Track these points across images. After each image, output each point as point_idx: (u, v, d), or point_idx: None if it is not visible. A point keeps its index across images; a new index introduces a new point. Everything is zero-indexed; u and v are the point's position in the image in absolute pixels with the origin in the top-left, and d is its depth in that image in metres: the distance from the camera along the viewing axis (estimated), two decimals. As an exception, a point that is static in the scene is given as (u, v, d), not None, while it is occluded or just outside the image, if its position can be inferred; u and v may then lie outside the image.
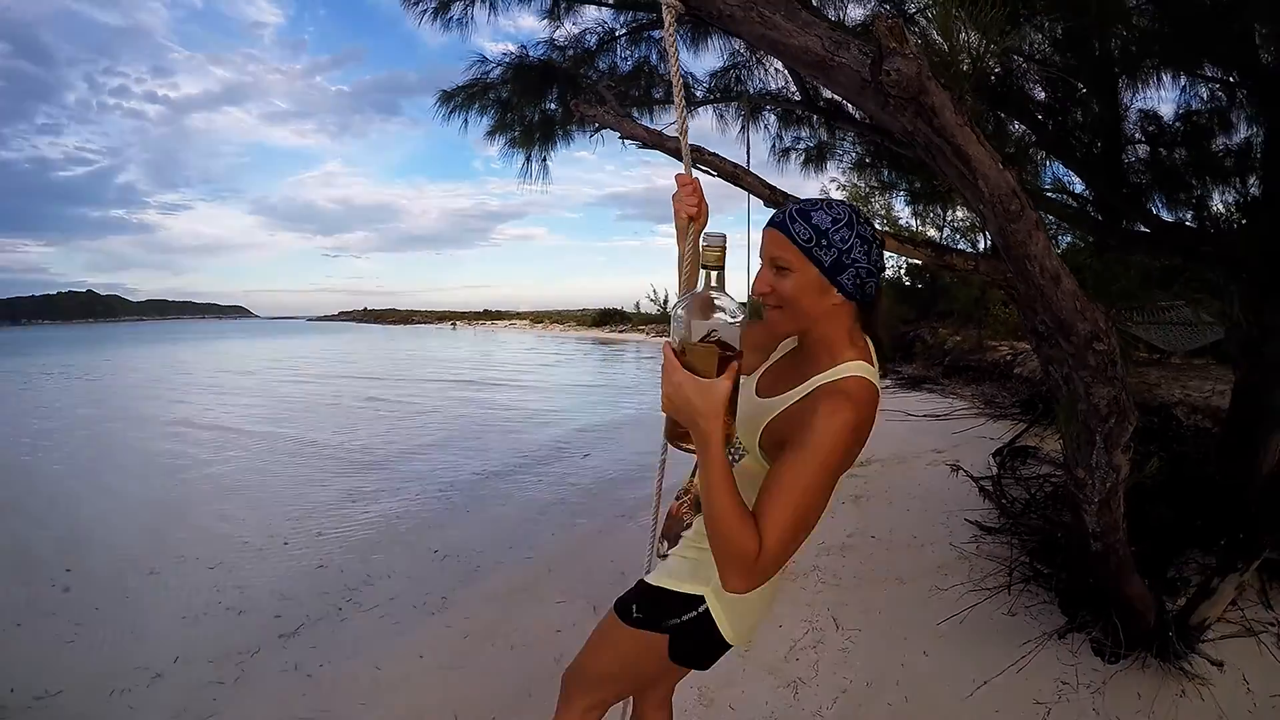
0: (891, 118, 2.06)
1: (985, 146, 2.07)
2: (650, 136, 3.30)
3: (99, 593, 5.55)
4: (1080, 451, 3.05)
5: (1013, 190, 2.12)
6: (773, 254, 1.54)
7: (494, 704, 3.71)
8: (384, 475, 9.42)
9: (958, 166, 2.09)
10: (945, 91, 1.99)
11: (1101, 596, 3.71)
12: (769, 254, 1.55)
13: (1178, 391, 8.04)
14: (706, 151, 3.17)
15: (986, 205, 2.15)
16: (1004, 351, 13.16)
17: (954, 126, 2.02)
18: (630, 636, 1.80)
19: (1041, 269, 2.33)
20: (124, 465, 10.59)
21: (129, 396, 19.84)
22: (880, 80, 1.92)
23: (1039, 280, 2.37)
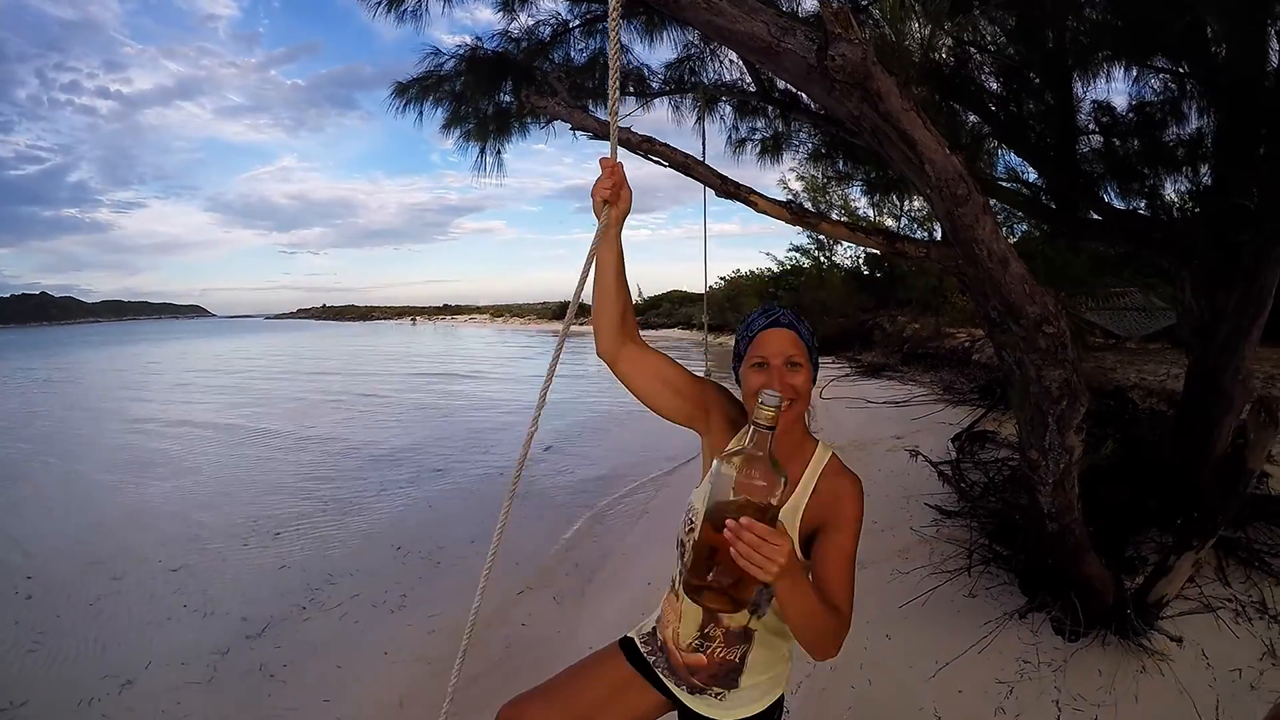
0: (838, 103, 2.07)
1: (931, 131, 2.08)
2: (601, 128, 3.30)
3: (62, 600, 5.49)
4: (1033, 433, 3.08)
5: (959, 174, 2.14)
6: (790, 353, 1.65)
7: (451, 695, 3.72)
8: (344, 473, 9.40)
9: (904, 151, 2.10)
10: (891, 77, 2.00)
11: (1060, 576, 3.75)
12: (784, 353, 1.64)
13: (1133, 375, 8.16)
14: (658, 142, 3.16)
15: (933, 189, 2.16)
16: (962, 338, 13.31)
17: (899, 111, 2.03)
18: None
19: (989, 253, 2.35)
20: (83, 470, 10.43)
21: (87, 400, 19.51)
22: (826, 65, 1.92)
23: (987, 264, 2.39)
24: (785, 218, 2.92)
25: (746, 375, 1.68)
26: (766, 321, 1.69)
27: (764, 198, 2.92)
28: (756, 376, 1.64)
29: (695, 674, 1.77)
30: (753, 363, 1.66)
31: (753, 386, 1.63)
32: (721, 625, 1.71)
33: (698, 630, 1.74)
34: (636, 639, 1.95)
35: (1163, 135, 4.62)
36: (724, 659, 1.73)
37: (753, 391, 1.62)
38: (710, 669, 1.75)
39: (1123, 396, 6.93)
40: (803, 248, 21.24)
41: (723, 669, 1.75)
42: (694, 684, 1.79)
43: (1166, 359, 9.10)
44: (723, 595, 1.34)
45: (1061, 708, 3.22)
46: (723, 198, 3.01)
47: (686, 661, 1.77)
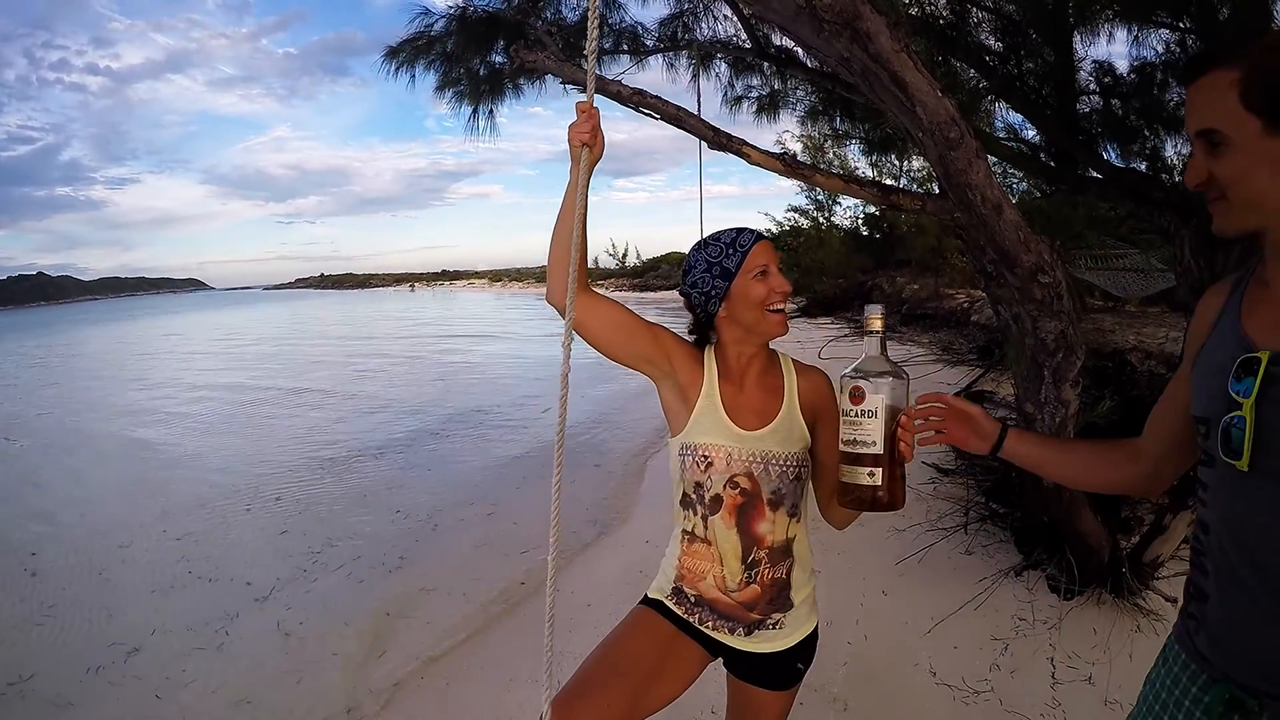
0: (827, 44, 2.02)
1: (923, 73, 2.03)
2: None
3: (68, 573, 5.51)
4: (1029, 387, 3.06)
5: (951, 117, 2.09)
6: (777, 262, 1.75)
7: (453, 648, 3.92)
8: (343, 437, 9.42)
9: (895, 93, 2.06)
10: (880, 17, 1.96)
11: (1056, 534, 3.75)
12: (776, 262, 1.75)
13: (1131, 338, 8.13)
14: (649, 95, 3.12)
15: (925, 133, 2.12)
16: (961, 299, 13.26)
17: (890, 53, 1.99)
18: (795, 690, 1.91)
19: (983, 198, 2.31)
20: (86, 443, 10.44)
21: (88, 377, 19.51)
22: (814, 5, 1.88)
23: (981, 210, 2.34)
24: (779, 169, 2.88)
25: (748, 286, 1.71)
26: (754, 236, 1.76)
27: (757, 149, 2.88)
28: (760, 285, 1.71)
29: (753, 608, 1.78)
30: (754, 273, 1.71)
31: (759, 295, 1.70)
32: (765, 546, 1.75)
33: (742, 563, 1.76)
34: (663, 599, 1.90)
35: (1164, 96, 4.56)
36: (774, 578, 1.77)
37: (761, 300, 1.70)
38: (766, 594, 1.77)
39: (1121, 358, 6.90)
40: (801, 208, 21.08)
41: (775, 588, 1.78)
42: (751, 619, 1.79)
43: (1165, 322, 9.06)
44: (894, 485, 1.46)
45: (1056, 665, 3.23)
46: (715, 149, 2.97)
47: (740, 599, 1.78)
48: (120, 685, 3.90)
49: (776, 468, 1.72)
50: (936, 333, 11.98)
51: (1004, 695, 3.07)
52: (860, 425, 1.42)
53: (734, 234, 1.76)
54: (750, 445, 1.73)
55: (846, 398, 1.45)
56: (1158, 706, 1.30)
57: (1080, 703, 2.99)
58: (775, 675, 1.85)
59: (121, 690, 3.85)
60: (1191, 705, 1.21)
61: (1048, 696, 3.04)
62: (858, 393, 1.43)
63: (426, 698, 3.53)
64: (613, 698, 1.72)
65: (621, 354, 1.77)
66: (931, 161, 2.37)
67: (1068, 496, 3.41)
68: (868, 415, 1.42)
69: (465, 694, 3.50)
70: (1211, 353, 1.20)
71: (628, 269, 39.34)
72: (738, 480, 1.73)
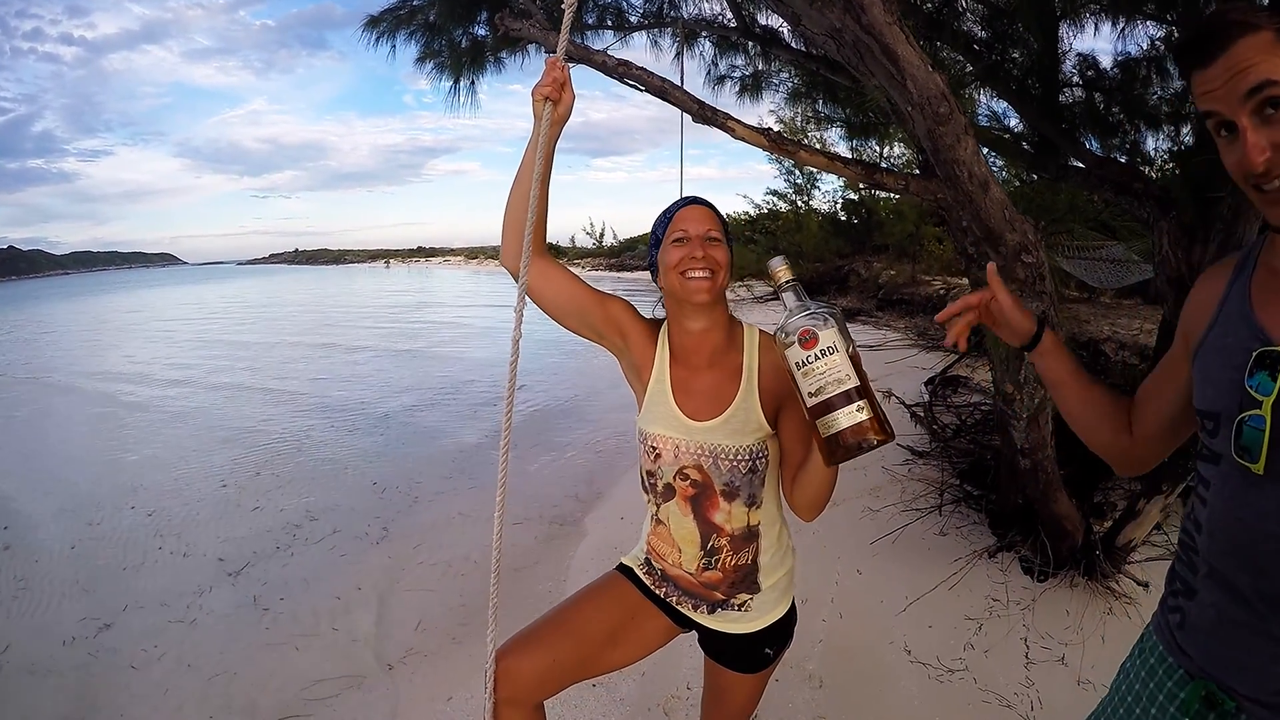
0: (820, 15, 2.01)
1: (914, 47, 2.02)
2: (576, 51, 3.21)
3: (39, 549, 5.44)
4: (1009, 367, 3.07)
5: (942, 93, 2.08)
6: (708, 228, 1.64)
7: (451, 617, 3.96)
8: (319, 413, 9.34)
9: (886, 66, 2.04)
10: (874, -13, 1.94)
11: (1030, 516, 3.78)
12: (703, 226, 1.64)
13: (1106, 328, 8.22)
14: (634, 66, 3.08)
15: (915, 107, 2.11)
16: (937, 286, 13.37)
17: (882, 24, 1.97)
18: (767, 673, 1.85)
19: (970, 174, 2.30)
20: (54, 418, 10.29)
21: (58, 350, 19.24)
22: (807, -29, 1.86)
23: (967, 186, 2.34)
24: (763, 144, 2.86)
25: (666, 251, 1.65)
26: (684, 201, 1.70)
27: (741, 123, 2.86)
28: (676, 250, 1.62)
29: (716, 588, 1.74)
30: (673, 239, 1.64)
31: (673, 260, 1.62)
32: (724, 534, 1.68)
33: (700, 550, 1.71)
34: (635, 567, 1.90)
35: (1146, 93, 4.59)
36: (737, 564, 1.71)
37: (674, 265, 1.62)
38: (728, 578, 1.72)
39: (1095, 348, 6.98)
40: (780, 192, 20.95)
41: (739, 574, 1.72)
42: (716, 598, 1.75)
43: (1139, 314, 9.18)
44: (882, 415, 1.32)
45: (1030, 645, 3.25)
46: (700, 123, 2.94)
47: (702, 580, 1.74)
48: (99, 656, 3.88)
49: (727, 462, 1.63)
50: (912, 318, 12.09)
51: (978, 674, 3.09)
52: (824, 367, 1.30)
53: (675, 202, 1.72)
54: (698, 437, 1.65)
55: (796, 348, 1.33)
56: (1130, 698, 1.28)
57: (1053, 683, 3.02)
58: (743, 658, 1.81)
59: (100, 662, 3.83)
60: (1166, 700, 1.19)
61: (1021, 676, 3.06)
62: (808, 335, 1.32)
63: (414, 668, 3.54)
64: (558, 653, 1.73)
65: (572, 322, 1.74)
66: (920, 136, 2.36)
67: (1044, 479, 3.44)
68: (828, 353, 1.30)
69: (456, 665, 3.50)
70: (1219, 340, 1.12)
71: (604, 249, 39.14)
72: (687, 472, 1.67)
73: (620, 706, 3.05)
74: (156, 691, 3.56)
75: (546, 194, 1.64)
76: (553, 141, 1.62)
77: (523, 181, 1.63)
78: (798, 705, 2.99)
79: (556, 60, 1.60)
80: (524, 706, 1.74)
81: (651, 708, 3.03)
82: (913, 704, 2.97)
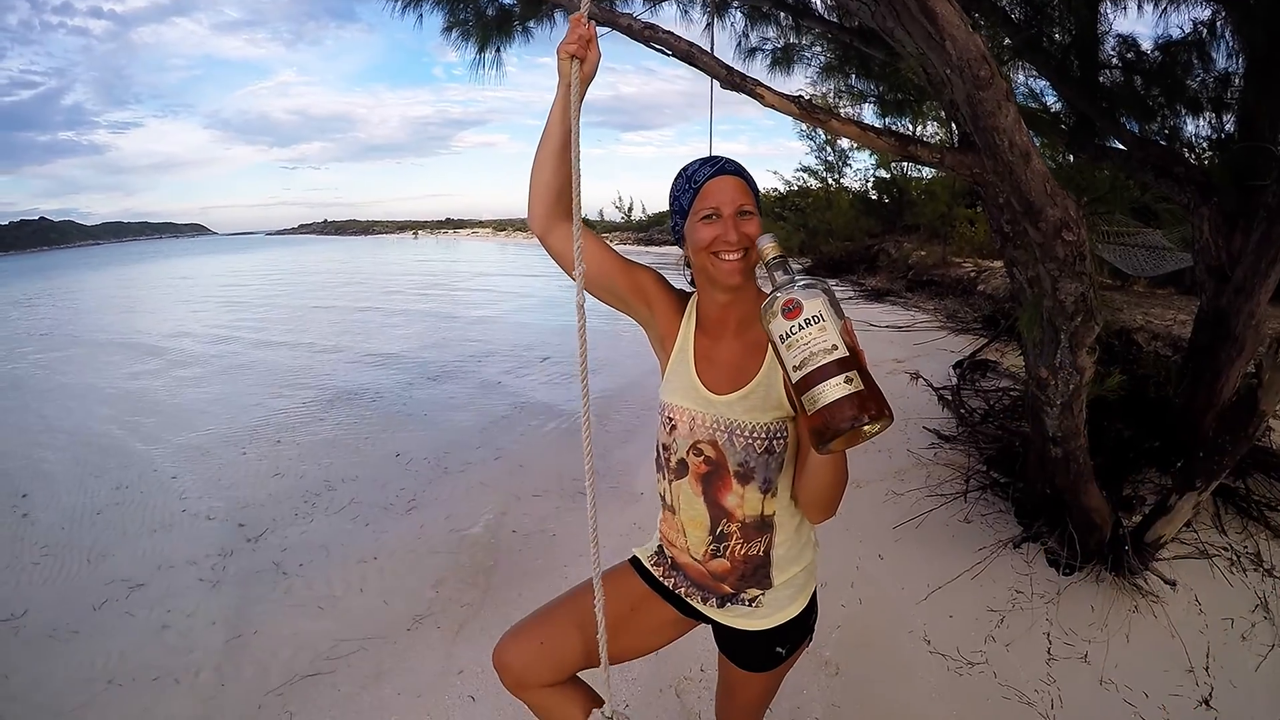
0: (855, -31, 1.90)
1: (954, 5, 1.90)
2: (602, 13, 3.10)
3: (63, 514, 5.48)
4: (1044, 351, 2.95)
5: (982, 55, 1.96)
6: (740, 201, 1.54)
7: (472, 586, 4.01)
8: (340, 381, 9.33)
9: (923, 25, 1.93)
10: (914, -60, 1.83)
11: (1058, 506, 3.68)
12: (735, 201, 1.53)
13: (1139, 318, 8.03)
14: (661, 30, 2.97)
15: (954, 70, 1.99)
16: (968, 268, 13.10)
17: (921, -21, 1.86)
18: (781, 670, 1.76)
19: (1011, 144, 2.18)
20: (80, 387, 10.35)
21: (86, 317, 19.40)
22: (844, -78, 1.75)
23: (1008, 156, 2.21)
24: (793, 112, 2.74)
25: (695, 229, 1.55)
26: (712, 170, 1.56)
27: (771, 90, 2.74)
28: (707, 229, 1.53)
29: (724, 579, 1.65)
30: (702, 215, 1.54)
31: (704, 239, 1.53)
32: (735, 520, 1.59)
33: (709, 535, 1.63)
34: (643, 558, 1.84)
35: (1187, 78, 4.46)
36: (747, 555, 1.62)
37: (705, 246, 1.53)
38: (737, 569, 1.63)
39: (1128, 337, 6.82)
40: (811, 168, 20.67)
41: (749, 565, 1.63)
42: (724, 591, 1.67)
43: (1173, 304, 8.96)
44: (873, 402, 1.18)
45: (1052, 640, 3.16)
46: (728, 89, 2.83)
47: (710, 570, 1.66)
48: (135, 616, 3.95)
49: (742, 439, 1.54)
50: (942, 300, 11.87)
51: (998, 668, 3.01)
52: (809, 337, 1.19)
53: (698, 165, 1.60)
54: (715, 411, 1.57)
55: (779, 319, 1.22)
56: None
57: (1075, 681, 2.93)
58: (753, 655, 1.72)
59: (135, 622, 3.89)
60: None
61: (1042, 672, 2.98)
62: (792, 304, 1.21)
63: (442, 635, 3.56)
64: (551, 640, 1.70)
65: (597, 290, 1.66)
66: (959, 101, 2.23)
67: (1075, 469, 3.32)
68: (813, 322, 1.19)
69: (483, 632, 3.53)
70: None
71: (633, 223, 38.96)
72: (701, 447, 1.59)
73: (632, 686, 3.01)
74: (181, 649, 3.62)
75: (575, 155, 1.56)
76: (579, 101, 1.53)
77: (546, 142, 1.57)
78: (812, 693, 2.93)
79: (580, 17, 1.53)
80: (531, 689, 1.72)
81: (663, 689, 2.99)
82: (930, 697, 2.89)
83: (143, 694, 3.31)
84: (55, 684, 3.46)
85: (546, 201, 1.60)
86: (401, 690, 3.16)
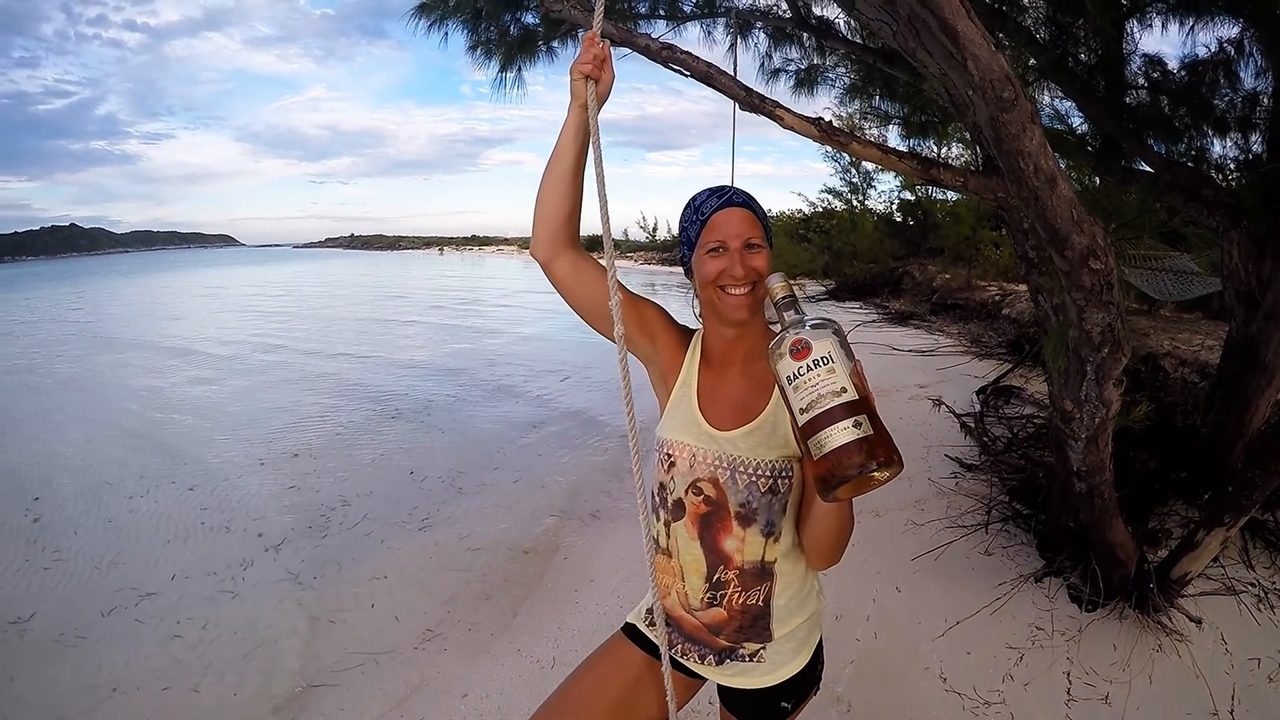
0: (875, -12, 1.84)
1: (976, 24, 1.84)
2: (620, 34, 3.07)
3: (75, 521, 5.53)
4: (1069, 383, 2.86)
5: (1006, 75, 1.90)
6: (748, 235, 1.48)
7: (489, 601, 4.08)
8: (358, 398, 9.36)
9: (944, 44, 1.86)
10: (935, -42, 1.76)
11: (1082, 541, 3.57)
12: (742, 235, 1.48)
13: (1166, 343, 7.90)
14: (679, 50, 2.93)
15: (976, 90, 1.92)
16: (993, 292, 12.97)
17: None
18: None
19: (1036, 168, 2.10)
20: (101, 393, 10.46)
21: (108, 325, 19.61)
22: (863, -60, 1.70)
23: (1033, 181, 2.14)
24: (813, 134, 2.68)
25: (702, 262, 1.49)
26: (719, 202, 1.50)
27: (790, 112, 2.68)
28: (714, 262, 1.47)
29: (720, 632, 1.56)
30: (709, 248, 1.48)
31: (710, 274, 1.46)
32: (732, 566, 1.50)
33: (705, 582, 1.53)
34: (638, 623, 1.73)
35: (1214, 98, 4.37)
36: (745, 605, 1.53)
37: (711, 280, 1.46)
38: (734, 620, 1.54)
39: (1154, 363, 6.70)
40: (835, 190, 20.60)
41: (747, 616, 1.54)
42: (721, 646, 1.57)
43: (1201, 329, 8.81)
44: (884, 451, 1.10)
45: (1072, 680, 3.05)
46: (747, 110, 2.77)
47: (705, 622, 1.56)
48: (146, 623, 4.01)
49: (745, 476, 1.47)
50: (966, 324, 11.73)
51: (1015, 709, 2.90)
52: (817, 378, 1.13)
53: (705, 195, 1.54)
54: (718, 447, 1.50)
55: (787, 360, 1.16)
56: None
57: (1094, 724, 2.82)
58: (755, 711, 1.64)
59: (146, 629, 3.95)
60: None
61: (1061, 714, 2.87)
62: (800, 345, 1.15)
63: (448, 657, 3.56)
64: None
65: (599, 322, 1.60)
66: (982, 123, 2.16)
67: (1099, 504, 3.22)
68: (822, 363, 1.13)
69: (490, 656, 3.53)
70: None
71: (657, 243, 39.03)
72: (701, 486, 1.51)
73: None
74: (193, 657, 3.67)
75: (582, 180, 1.53)
76: (595, 121, 1.48)
77: (555, 165, 1.51)
78: (823, 730, 2.84)
79: (594, 35, 1.48)
80: None
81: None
82: (945, 738, 2.80)
83: (147, 703, 3.33)
84: (59, 689, 3.48)
85: (553, 226, 1.55)
86: (405, 713, 3.13)
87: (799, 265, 19.28)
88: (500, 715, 3.05)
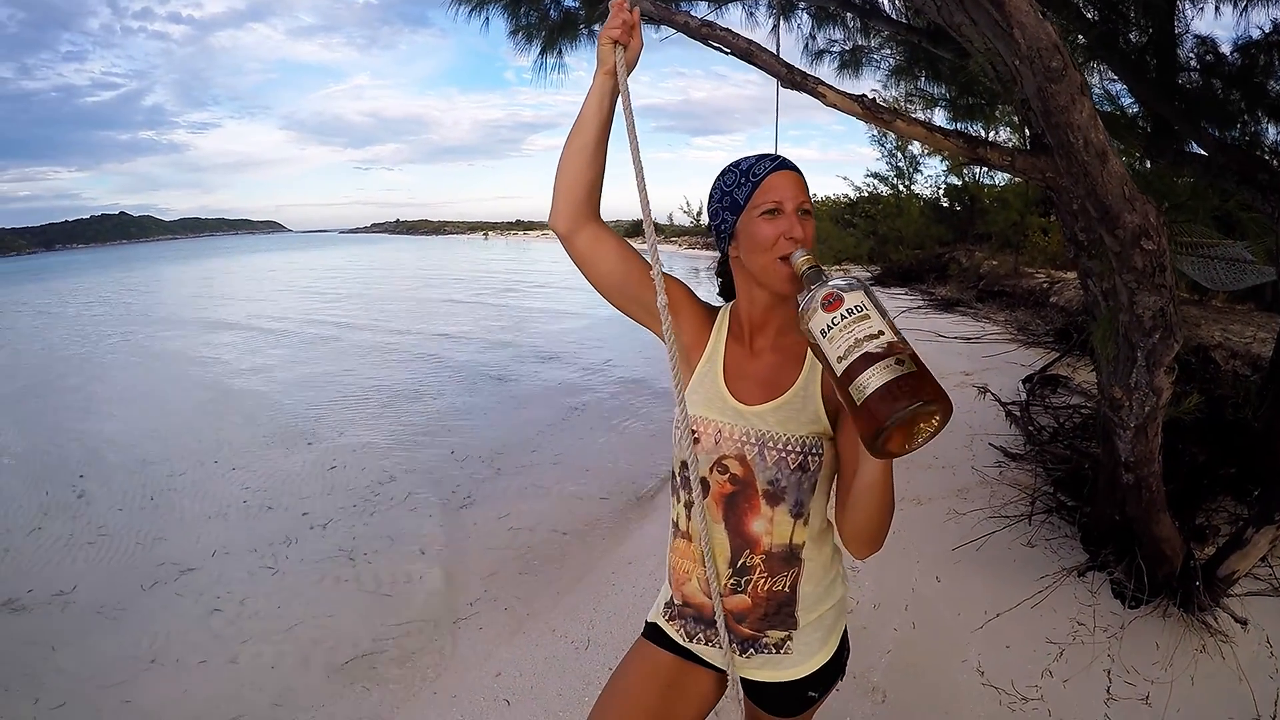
0: (921, -46, 1.77)
1: (1025, -10, 1.76)
2: (659, 11, 3.01)
3: (119, 497, 5.65)
4: (1119, 369, 2.76)
5: (1054, 44, 1.81)
6: (802, 200, 1.41)
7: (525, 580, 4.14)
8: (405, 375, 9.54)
9: (989, 11, 1.79)
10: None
11: (1127, 535, 3.47)
12: (798, 199, 1.40)
13: (1217, 334, 7.70)
14: (718, 27, 2.87)
15: (1023, 61, 1.84)
16: (1041, 279, 12.70)
17: (990, -37, 1.72)
18: (814, 710, 1.62)
19: (1086, 142, 2.02)
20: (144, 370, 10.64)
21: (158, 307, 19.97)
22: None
23: (1083, 155, 2.05)
24: (856, 112, 2.61)
25: (755, 225, 1.38)
26: (773, 164, 1.41)
27: (833, 89, 2.61)
28: (768, 226, 1.37)
29: (744, 620, 1.49)
30: (763, 210, 1.37)
31: (766, 238, 1.36)
32: (759, 550, 1.44)
33: (729, 567, 1.47)
34: (660, 621, 1.66)
35: (1268, 81, 4.22)
36: (771, 591, 1.47)
37: (767, 244, 1.36)
38: (759, 607, 1.48)
39: (1205, 354, 6.53)
40: (881, 174, 20.27)
41: (772, 603, 1.47)
42: (745, 634, 1.51)
43: (1253, 321, 8.57)
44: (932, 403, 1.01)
45: (1113, 679, 2.96)
46: (789, 88, 2.70)
47: (728, 609, 1.49)
48: (186, 596, 4.12)
49: (774, 452, 1.40)
50: (1013, 311, 11.50)
51: (1053, 705, 2.82)
52: (851, 325, 1.06)
53: (754, 159, 1.44)
54: (745, 422, 1.43)
55: (819, 314, 1.10)
56: None
57: (1133, 725, 2.74)
58: (782, 703, 1.57)
59: (185, 603, 4.06)
60: None
61: (1100, 713, 2.78)
62: (832, 298, 1.09)
63: (484, 635, 3.61)
64: None
65: (620, 298, 1.54)
66: (1029, 95, 2.07)
67: (1147, 497, 3.12)
68: (855, 311, 1.07)
69: (525, 636, 3.54)
70: None
71: (701, 227, 38.95)
72: (727, 463, 1.44)
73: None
74: (232, 631, 3.76)
75: (605, 150, 1.47)
76: (625, 87, 1.43)
77: (582, 130, 1.44)
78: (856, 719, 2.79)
79: (623, 2, 1.43)
80: None
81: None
82: (979, 733, 2.73)
83: (184, 675, 3.40)
84: (99, 660, 3.56)
85: (576, 197, 1.47)
86: (439, 689, 3.17)
87: (844, 250, 19.06)
88: (533, 694, 3.04)
